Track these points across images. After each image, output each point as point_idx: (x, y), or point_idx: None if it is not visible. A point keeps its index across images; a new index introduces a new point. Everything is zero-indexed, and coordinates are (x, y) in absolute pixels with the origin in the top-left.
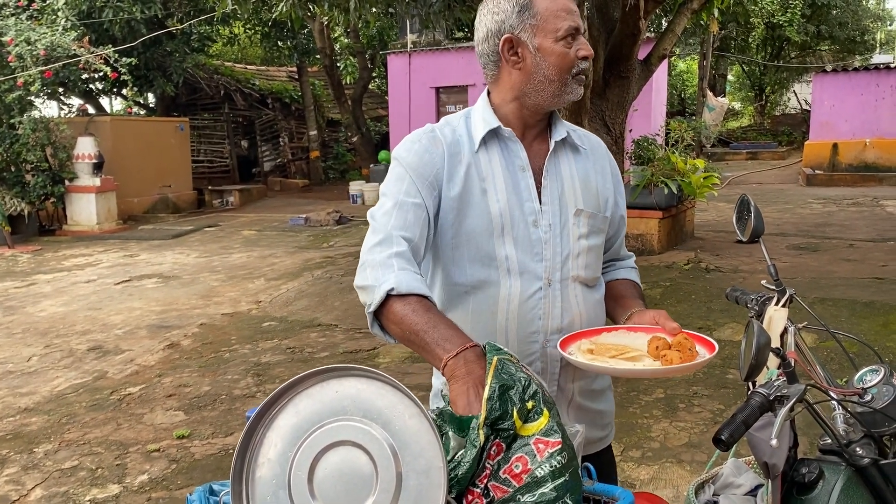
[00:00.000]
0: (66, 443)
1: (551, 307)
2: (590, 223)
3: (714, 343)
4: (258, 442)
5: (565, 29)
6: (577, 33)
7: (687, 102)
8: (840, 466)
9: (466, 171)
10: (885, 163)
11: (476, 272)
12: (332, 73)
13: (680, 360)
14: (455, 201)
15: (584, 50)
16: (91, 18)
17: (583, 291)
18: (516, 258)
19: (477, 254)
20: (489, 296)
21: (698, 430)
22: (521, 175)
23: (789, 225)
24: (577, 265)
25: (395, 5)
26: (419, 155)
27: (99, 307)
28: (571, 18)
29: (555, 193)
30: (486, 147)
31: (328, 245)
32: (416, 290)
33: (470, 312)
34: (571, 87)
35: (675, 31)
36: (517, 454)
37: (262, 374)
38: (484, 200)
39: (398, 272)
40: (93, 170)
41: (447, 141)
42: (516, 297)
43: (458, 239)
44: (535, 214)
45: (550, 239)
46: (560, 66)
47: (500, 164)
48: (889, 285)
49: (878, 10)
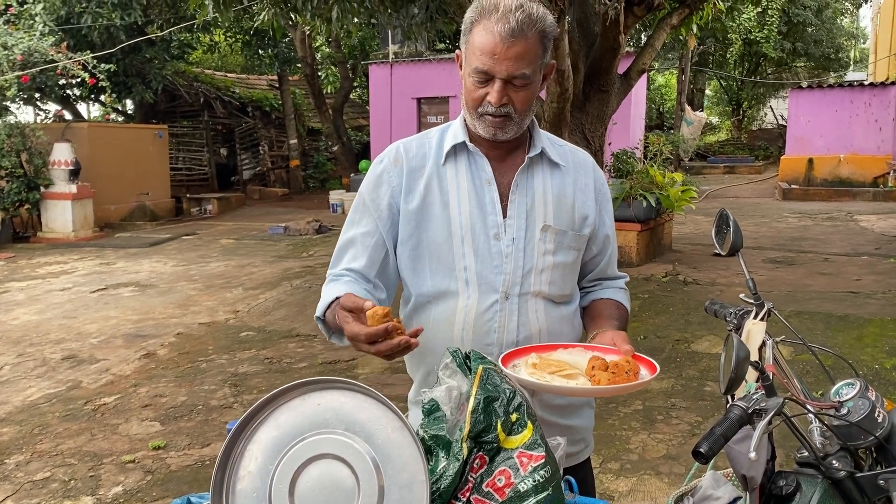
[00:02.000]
0: (39, 454)
1: (507, 321)
2: (557, 240)
3: (656, 365)
4: (239, 454)
5: (474, 68)
6: (489, 77)
7: (665, 116)
8: (817, 479)
9: (427, 185)
10: (859, 178)
11: (437, 283)
12: (313, 82)
13: (607, 382)
14: (414, 214)
15: (491, 96)
16: (69, 24)
17: (545, 307)
18: (475, 269)
19: (438, 265)
20: (448, 306)
21: (676, 442)
22: (487, 189)
23: (766, 239)
24: (541, 280)
25: (377, 16)
26: (375, 183)
27: (74, 315)
28: (481, 60)
29: (522, 208)
30: (454, 160)
31: (307, 254)
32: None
33: (431, 322)
34: (480, 124)
35: (654, 45)
36: (500, 467)
37: (240, 384)
38: (445, 212)
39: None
40: (69, 176)
41: (409, 156)
42: (473, 308)
43: (419, 250)
44: (498, 227)
45: (513, 252)
46: (467, 100)
47: (466, 178)
48: (863, 299)
49: (851, 29)
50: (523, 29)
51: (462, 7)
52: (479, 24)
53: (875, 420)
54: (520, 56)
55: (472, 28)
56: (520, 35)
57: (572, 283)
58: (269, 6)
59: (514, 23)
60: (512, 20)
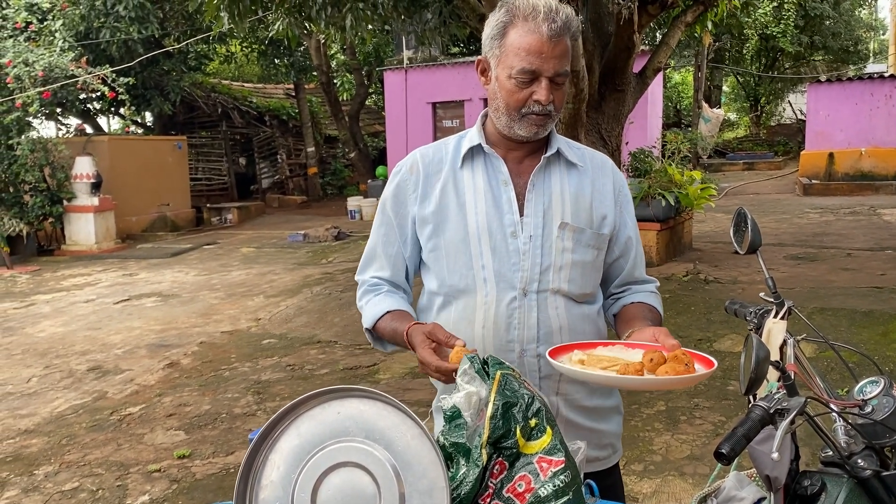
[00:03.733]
0: (67, 464)
1: (526, 317)
2: (575, 237)
3: (713, 360)
4: (261, 464)
5: (518, 69)
6: (536, 76)
7: (682, 114)
8: (842, 478)
9: (442, 189)
10: (881, 171)
11: (455, 281)
12: (329, 89)
13: (672, 373)
14: (431, 217)
15: (538, 94)
16: (88, 39)
17: (566, 304)
18: (493, 267)
19: (456, 264)
20: (468, 304)
21: (700, 443)
22: (504, 189)
23: (787, 235)
24: (560, 278)
25: (390, 22)
26: (394, 194)
27: (98, 327)
28: (528, 60)
29: (539, 206)
30: (471, 163)
31: (327, 261)
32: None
33: (451, 321)
34: (521, 125)
35: (669, 43)
36: (520, 473)
37: (263, 392)
38: (461, 214)
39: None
40: (91, 189)
41: (426, 162)
42: (492, 305)
43: (438, 252)
44: (515, 226)
45: (530, 250)
46: (507, 102)
47: (482, 179)
48: (888, 294)
49: (870, 21)
50: (566, 27)
51: (475, 11)
52: (517, 26)
53: None
54: (563, 54)
55: (507, 30)
56: (563, 34)
57: (593, 282)
58: (283, 16)
59: (559, 22)
60: (558, 20)
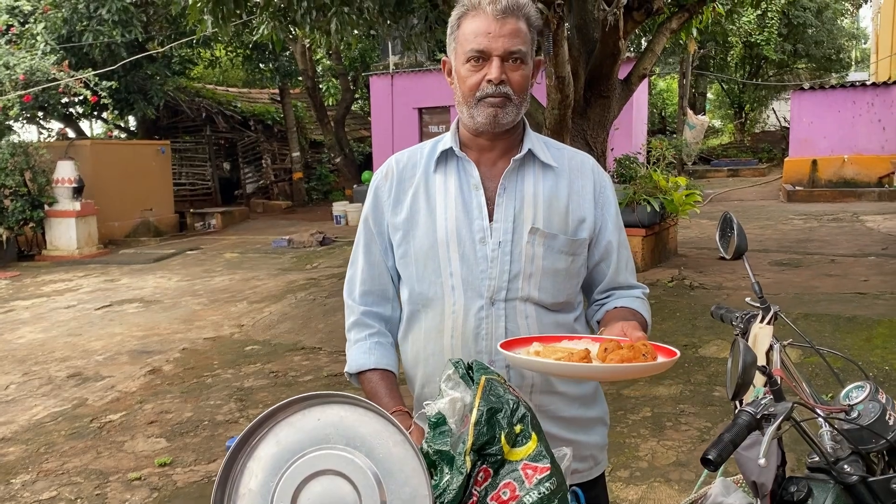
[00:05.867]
0: (45, 473)
1: (494, 327)
2: (546, 243)
3: (675, 350)
4: (239, 472)
5: (467, 52)
6: (487, 56)
7: (667, 121)
8: (829, 484)
9: (414, 194)
10: (864, 178)
11: (424, 289)
12: (315, 94)
13: (620, 361)
14: (402, 223)
15: (490, 73)
16: (70, 42)
17: (537, 313)
18: (461, 275)
19: (425, 272)
20: (437, 313)
21: (686, 449)
22: (474, 194)
23: (771, 241)
24: (530, 286)
25: (376, 27)
26: (373, 204)
27: (79, 333)
28: (477, 41)
29: (509, 211)
30: (444, 167)
31: (312, 266)
32: (366, 367)
33: (422, 331)
34: (478, 111)
35: (654, 50)
36: (505, 480)
37: (245, 399)
38: (431, 219)
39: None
40: (73, 194)
41: (400, 167)
42: (460, 314)
43: (407, 258)
44: (483, 232)
45: (499, 257)
46: (463, 90)
47: (454, 184)
48: (871, 300)
49: (852, 29)
50: (513, 9)
51: None
52: (467, 16)
53: (886, 423)
54: (513, 33)
55: (460, 23)
56: (511, 13)
57: (568, 290)
58: (268, 20)
59: (504, 2)
60: (503, 1)
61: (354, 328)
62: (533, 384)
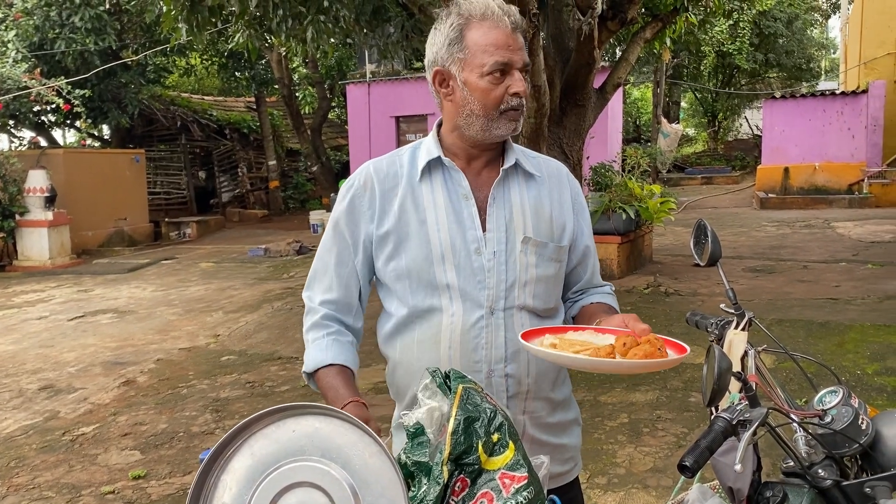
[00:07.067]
0: (15, 487)
1: (494, 336)
2: (538, 251)
3: (685, 346)
4: (212, 485)
5: (491, 65)
6: (509, 69)
7: (642, 129)
8: (803, 489)
9: (401, 205)
10: (834, 185)
11: (419, 301)
12: (291, 103)
13: (645, 357)
14: (391, 236)
15: (515, 86)
16: (42, 50)
17: (531, 321)
18: (458, 286)
19: (419, 283)
20: (433, 325)
21: (663, 455)
22: (465, 204)
23: (745, 248)
24: (525, 294)
25: (352, 36)
26: (348, 211)
27: (51, 344)
28: (500, 54)
29: (501, 221)
30: (429, 177)
31: (288, 276)
32: (323, 363)
33: (415, 342)
34: (500, 124)
35: (629, 59)
36: (482, 490)
37: (222, 409)
38: (423, 230)
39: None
40: (45, 203)
41: (381, 177)
42: (458, 325)
43: (399, 271)
44: (478, 242)
45: (494, 267)
46: (484, 103)
47: (442, 194)
48: (843, 305)
49: (822, 40)
50: (519, 22)
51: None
52: (475, 27)
53: (859, 427)
54: (523, 47)
55: (465, 34)
56: (518, 26)
57: (556, 296)
58: (243, 28)
59: (514, 16)
60: (512, 15)
61: (312, 329)
62: (528, 391)
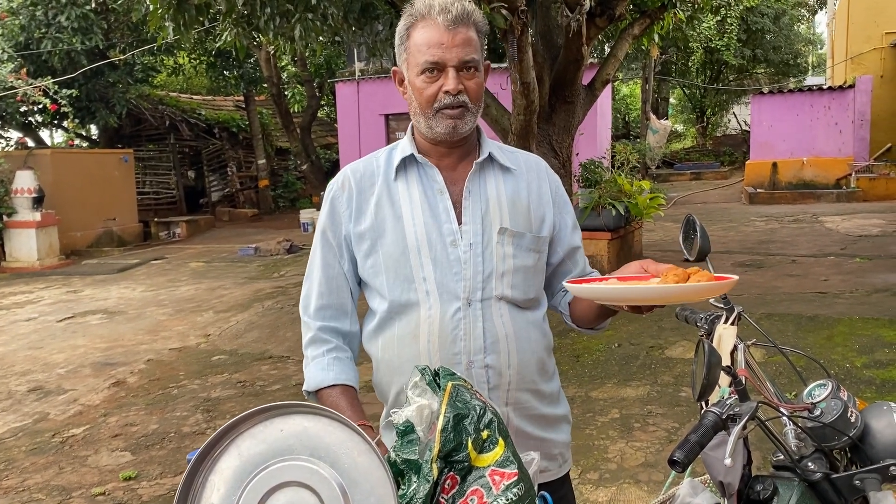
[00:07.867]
0: (4, 490)
1: (472, 327)
2: (515, 242)
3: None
4: (200, 486)
5: (421, 63)
6: (442, 67)
7: (631, 125)
8: (793, 482)
9: (377, 203)
10: (822, 180)
11: (397, 296)
12: (280, 101)
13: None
14: (368, 233)
15: (447, 84)
16: (29, 50)
17: (510, 311)
18: (434, 278)
19: (396, 278)
20: (411, 318)
21: (654, 450)
22: (440, 198)
23: (734, 242)
24: (503, 284)
25: (341, 34)
26: (329, 215)
27: (40, 346)
28: (430, 53)
29: (477, 213)
30: (405, 174)
31: (279, 275)
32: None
33: (396, 338)
34: (437, 122)
35: (617, 56)
36: (472, 487)
37: (213, 409)
38: (399, 226)
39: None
40: (33, 204)
41: (357, 177)
42: (436, 318)
43: (377, 267)
44: (454, 235)
45: (471, 258)
46: (420, 101)
47: (417, 190)
48: (831, 299)
49: (808, 35)
50: (463, 18)
51: None
52: (417, 26)
53: (848, 420)
54: (465, 42)
55: (410, 33)
56: (461, 23)
57: (536, 286)
58: (231, 26)
59: (454, 13)
60: (453, 10)
61: (311, 345)
62: (510, 381)
